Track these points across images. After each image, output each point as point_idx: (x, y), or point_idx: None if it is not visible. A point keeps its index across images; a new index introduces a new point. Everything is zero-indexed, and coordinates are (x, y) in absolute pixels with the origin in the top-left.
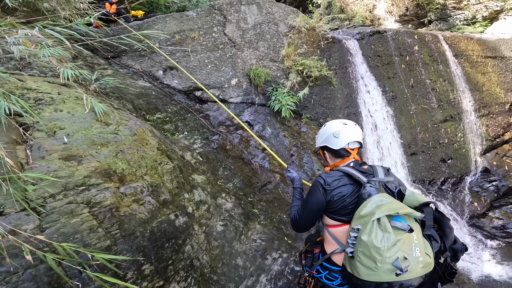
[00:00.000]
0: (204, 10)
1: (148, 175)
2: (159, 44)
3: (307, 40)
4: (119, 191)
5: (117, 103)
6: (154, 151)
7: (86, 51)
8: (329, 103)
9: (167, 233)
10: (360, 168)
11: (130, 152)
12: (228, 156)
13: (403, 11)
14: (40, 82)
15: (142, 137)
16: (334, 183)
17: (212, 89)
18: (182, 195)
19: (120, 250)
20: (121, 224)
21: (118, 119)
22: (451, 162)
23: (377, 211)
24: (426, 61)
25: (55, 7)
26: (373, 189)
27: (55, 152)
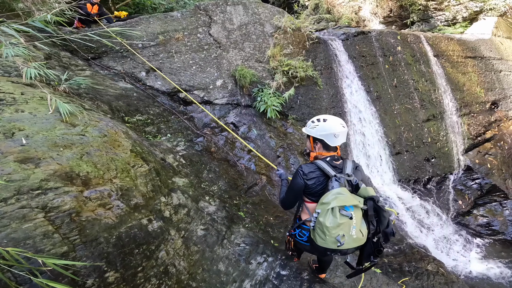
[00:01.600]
0: (189, 11)
1: (118, 178)
2: (142, 45)
3: (292, 40)
4: (82, 195)
5: (90, 104)
6: (127, 153)
7: (64, 53)
8: (315, 103)
9: (138, 239)
10: (333, 163)
11: (98, 154)
12: (213, 158)
13: (387, 13)
14: (3, 82)
15: (114, 138)
16: (310, 174)
17: (197, 90)
18: (158, 199)
19: (79, 257)
20: (82, 230)
21: (86, 120)
22: (435, 161)
23: (333, 202)
24: (409, 61)
25: (29, 7)
26: (336, 183)
27: (10, 154)
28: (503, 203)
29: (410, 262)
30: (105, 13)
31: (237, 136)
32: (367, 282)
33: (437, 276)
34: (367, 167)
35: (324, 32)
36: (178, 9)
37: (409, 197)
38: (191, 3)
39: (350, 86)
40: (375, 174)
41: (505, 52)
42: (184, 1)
